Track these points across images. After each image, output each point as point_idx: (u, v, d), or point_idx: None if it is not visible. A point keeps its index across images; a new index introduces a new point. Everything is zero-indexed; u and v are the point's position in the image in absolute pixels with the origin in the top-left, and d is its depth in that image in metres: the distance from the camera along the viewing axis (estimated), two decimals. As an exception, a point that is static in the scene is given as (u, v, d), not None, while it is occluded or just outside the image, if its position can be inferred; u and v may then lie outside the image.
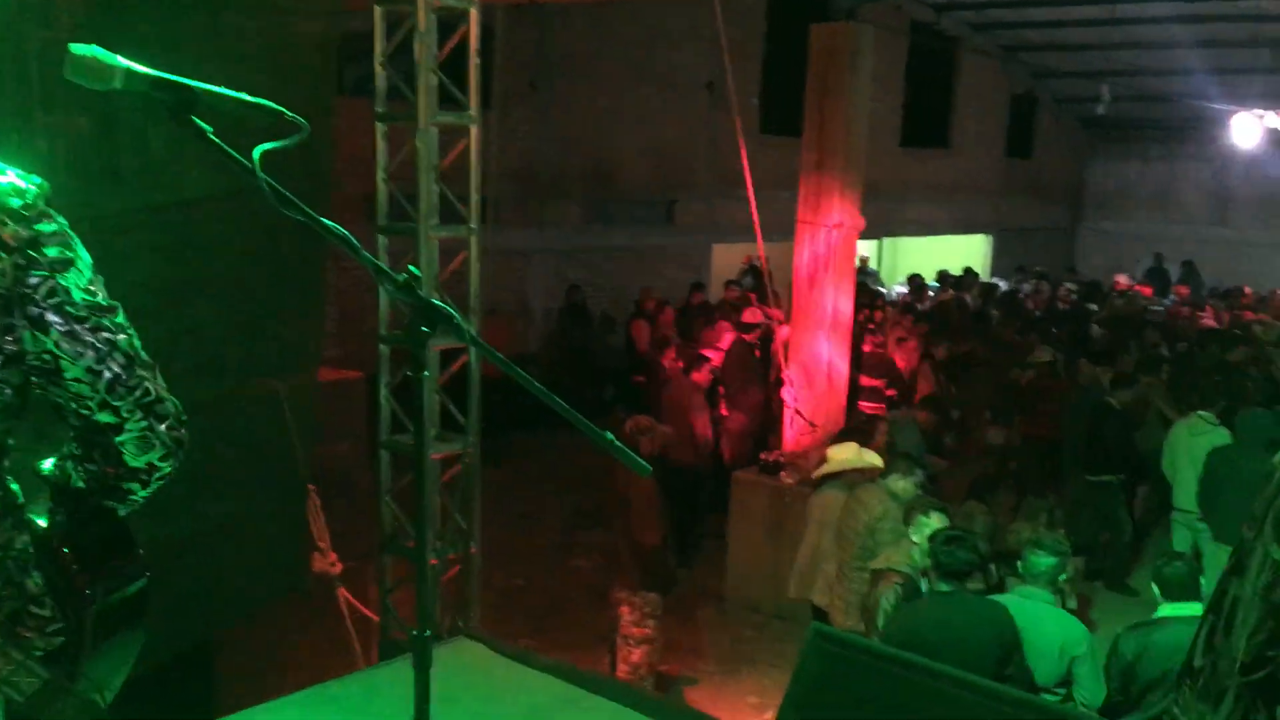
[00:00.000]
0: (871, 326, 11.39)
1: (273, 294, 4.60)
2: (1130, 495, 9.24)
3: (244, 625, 5.07)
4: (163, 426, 1.74)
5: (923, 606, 4.93)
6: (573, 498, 10.26)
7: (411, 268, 1.80)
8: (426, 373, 2.08)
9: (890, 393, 10.30)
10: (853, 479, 6.72)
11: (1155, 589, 4.77)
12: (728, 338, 9.92)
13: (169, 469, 1.78)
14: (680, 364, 9.68)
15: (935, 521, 5.25)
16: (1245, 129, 14.70)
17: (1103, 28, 17.52)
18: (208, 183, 4.09)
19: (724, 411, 9.74)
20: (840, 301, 8.15)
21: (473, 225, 5.00)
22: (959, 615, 4.66)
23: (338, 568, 5.26)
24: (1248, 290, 16.62)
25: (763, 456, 8.36)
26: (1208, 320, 14.36)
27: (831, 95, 7.93)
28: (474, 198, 5.00)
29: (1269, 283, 18.66)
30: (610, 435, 1.96)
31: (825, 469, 6.87)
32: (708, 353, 9.64)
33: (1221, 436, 7.89)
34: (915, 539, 5.28)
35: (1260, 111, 14.51)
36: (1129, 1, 15.59)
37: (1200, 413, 8.17)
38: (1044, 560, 4.81)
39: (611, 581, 7.00)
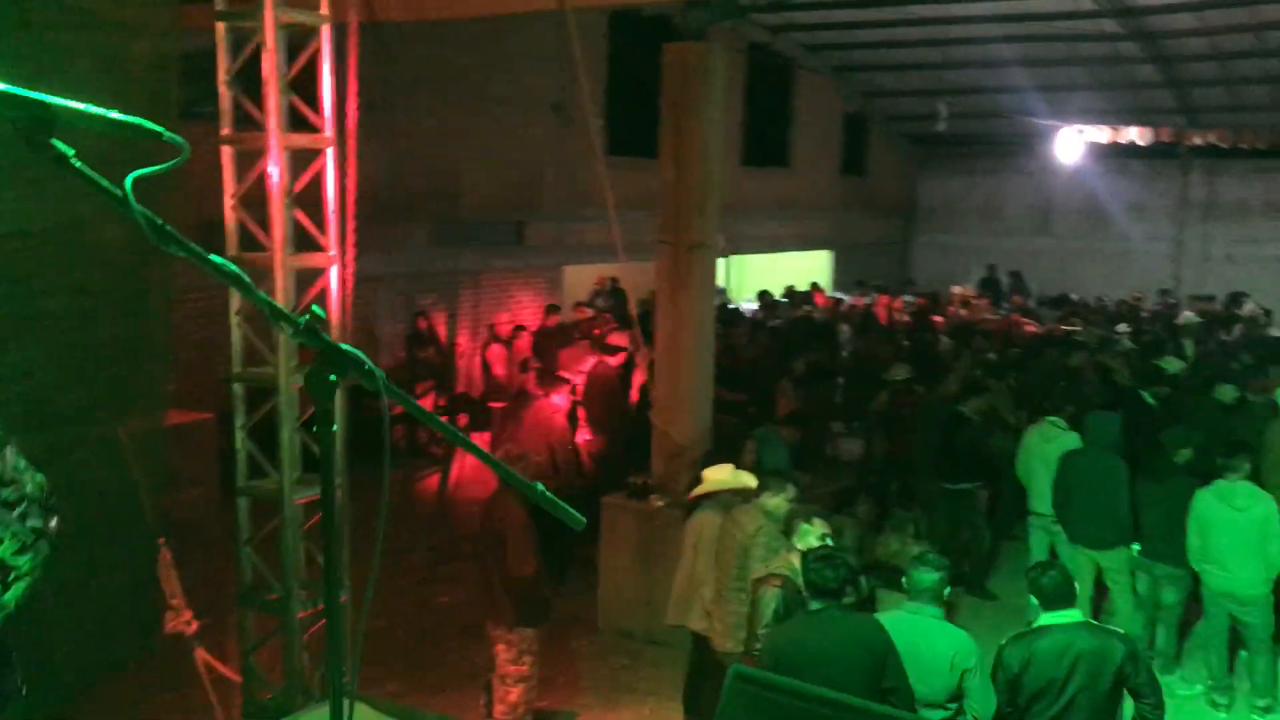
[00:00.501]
0: (729, 343, 11.45)
1: (113, 332, 4.22)
2: (995, 500, 9.50)
3: (89, 696, 4.62)
4: (14, 514, 1.44)
5: (795, 625, 4.92)
6: (435, 530, 9.93)
7: (315, 308, 1.58)
8: (336, 426, 1.85)
9: (751, 409, 10.35)
10: (728, 500, 6.66)
11: (1033, 598, 4.83)
12: (589, 360, 9.77)
13: (29, 565, 1.47)
14: (541, 389, 9.49)
15: (817, 528, 5.26)
16: (1068, 144, 15.43)
17: (928, 48, 18.24)
18: (33, 213, 3.72)
19: (587, 435, 9.60)
20: (702, 321, 8.11)
21: (332, 251, 4.71)
22: (830, 633, 4.69)
23: (193, 626, 4.86)
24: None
25: (631, 480, 8.23)
26: (1031, 328, 14.95)
27: (687, 113, 7.88)
28: (332, 222, 4.72)
29: (1090, 289, 19.71)
30: (540, 486, 1.78)
31: (700, 490, 6.79)
32: (568, 375, 9.48)
33: (1072, 440, 8.16)
34: (800, 546, 5.29)
35: (1080, 127, 15.26)
36: (952, 24, 16.26)
37: (1051, 418, 8.43)
38: (928, 576, 4.82)
39: (483, 617, 6.76)
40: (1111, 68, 18.01)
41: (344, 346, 1.50)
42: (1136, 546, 7.60)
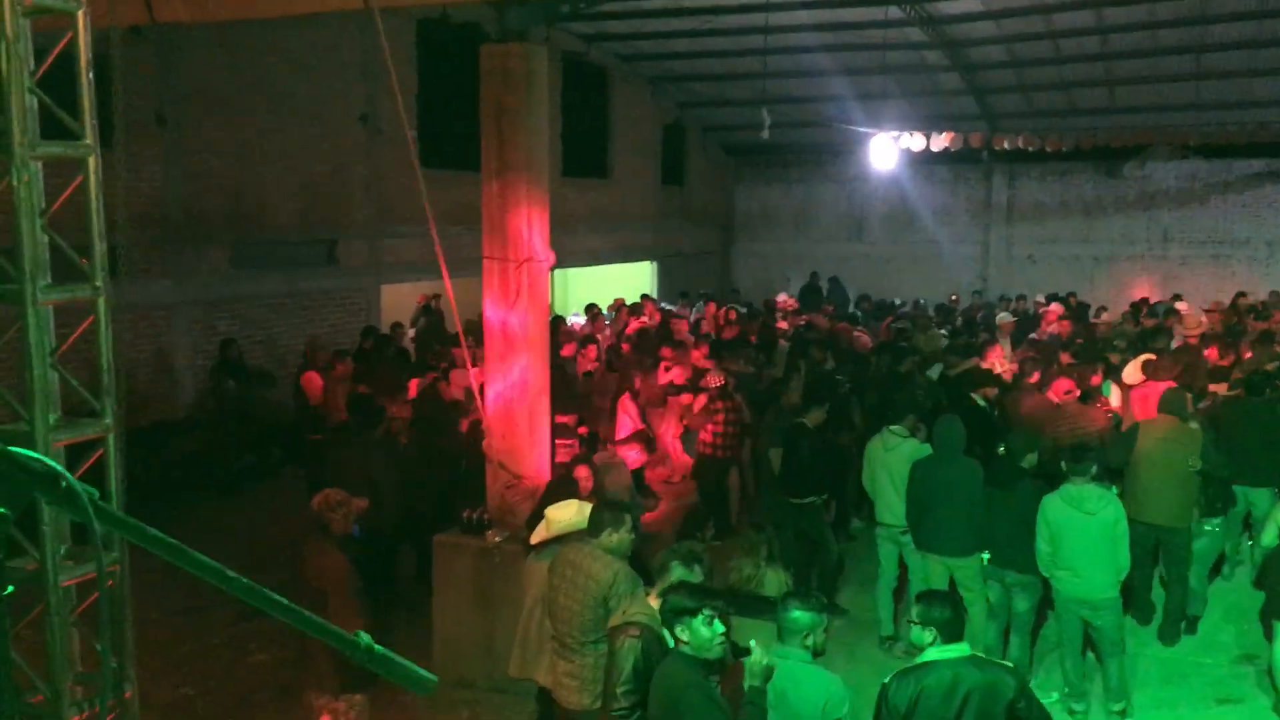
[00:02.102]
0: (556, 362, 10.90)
1: None
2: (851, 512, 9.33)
3: None
4: None
5: (662, 665, 4.48)
6: (249, 573, 9.02)
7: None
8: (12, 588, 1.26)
9: (582, 430, 9.86)
10: (574, 539, 6.11)
11: (920, 632, 4.48)
12: (414, 386, 9.08)
13: None
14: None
15: (697, 576, 4.81)
16: (882, 151, 15.59)
17: (743, 58, 18.20)
18: None
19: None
20: (536, 340, 7.56)
21: (99, 283, 3.95)
22: (671, 682, 4.32)
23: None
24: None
25: (465, 514, 7.59)
26: (862, 335, 14.99)
27: (510, 121, 7.33)
28: (98, 247, 3.95)
29: (903, 292, 20.13)
30: (367, 640, 1.24)
31: (547, 534, 6.21)
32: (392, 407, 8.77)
33: (914, 447, 8.01)
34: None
35: (895, 134, 15.45)
36: (766, 33, 16.23)
37: (891, 427, 8.25)
38: (802, 616, 4.43)
39: (304, 683, 6.03)
40: (919, 76, 18.42)
41: (33, 460, 0.92)
42: (986, 555, 7.48)
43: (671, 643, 4.79)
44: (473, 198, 13.01)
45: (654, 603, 4.88)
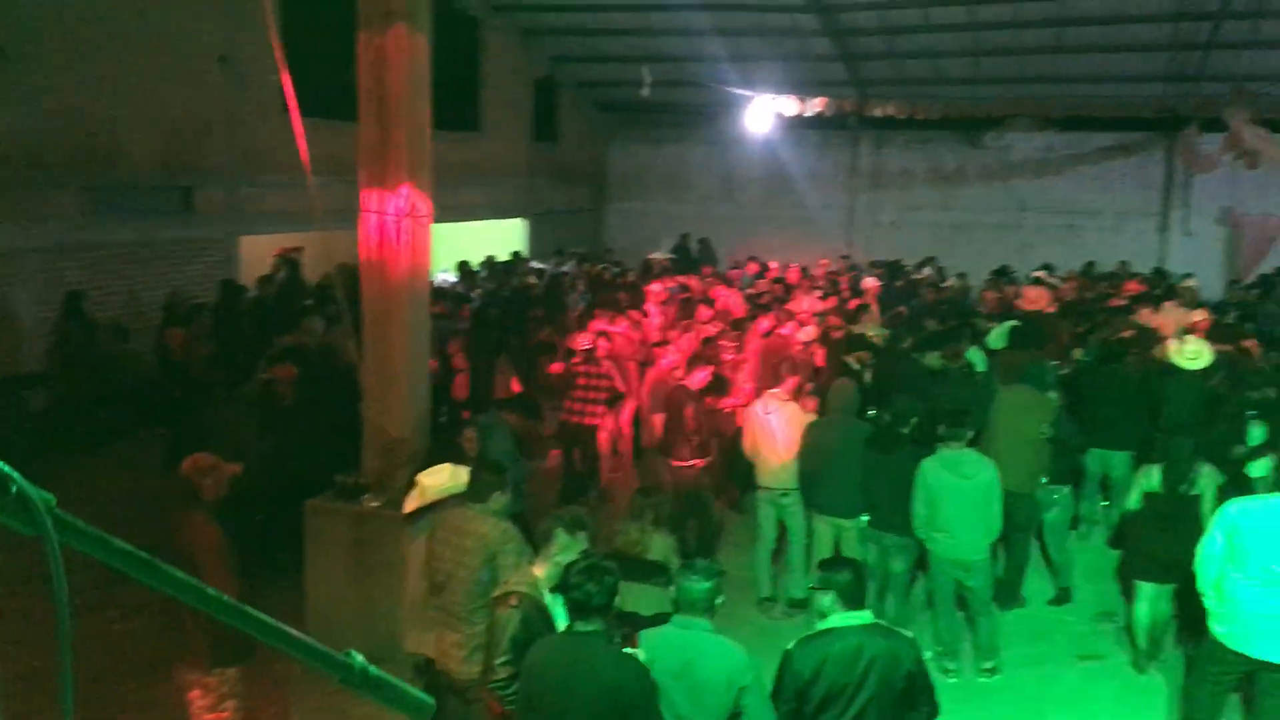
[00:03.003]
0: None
1: None
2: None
3: None
4: None
5: (552, 646, 4.34)
6: (120, 532, 8.52)
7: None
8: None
9: (462, 394, 9.66)
10: (452, 504, 5.94)
11: (823, 598, 4.47)
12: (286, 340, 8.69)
13: None
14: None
15: (582, 542, 4.71)
16: (758, 113, 15.62)
17: (617, 13, 17.99)
18: None
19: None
20: (416, 297, 7.30)
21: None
22: (584, 666, 4.14)
23: None
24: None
25: (339, 479, 7.31)
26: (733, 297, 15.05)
27: (392, 68, 7.01)
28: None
29: (772, 255, 20.28)
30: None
31: (420, 500, 6.02)
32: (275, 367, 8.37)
33: (794, 411, 8.07)
34: (560, 559, 4.69)
35: (772, 96, 15.49)
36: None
37: (772, 391, 8.29)
38: (699, 585, 4.36)
39: (172, 657, 5.72)
40: (792, 40, 18.49)
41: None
42: (865, 517, 7.60)
43: (561, 614, 4.68)
44: (339, 147, 12.58)
45: (538, 571, 4.77)
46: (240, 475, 6.59)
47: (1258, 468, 8.15)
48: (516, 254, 17.24)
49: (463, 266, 15.36)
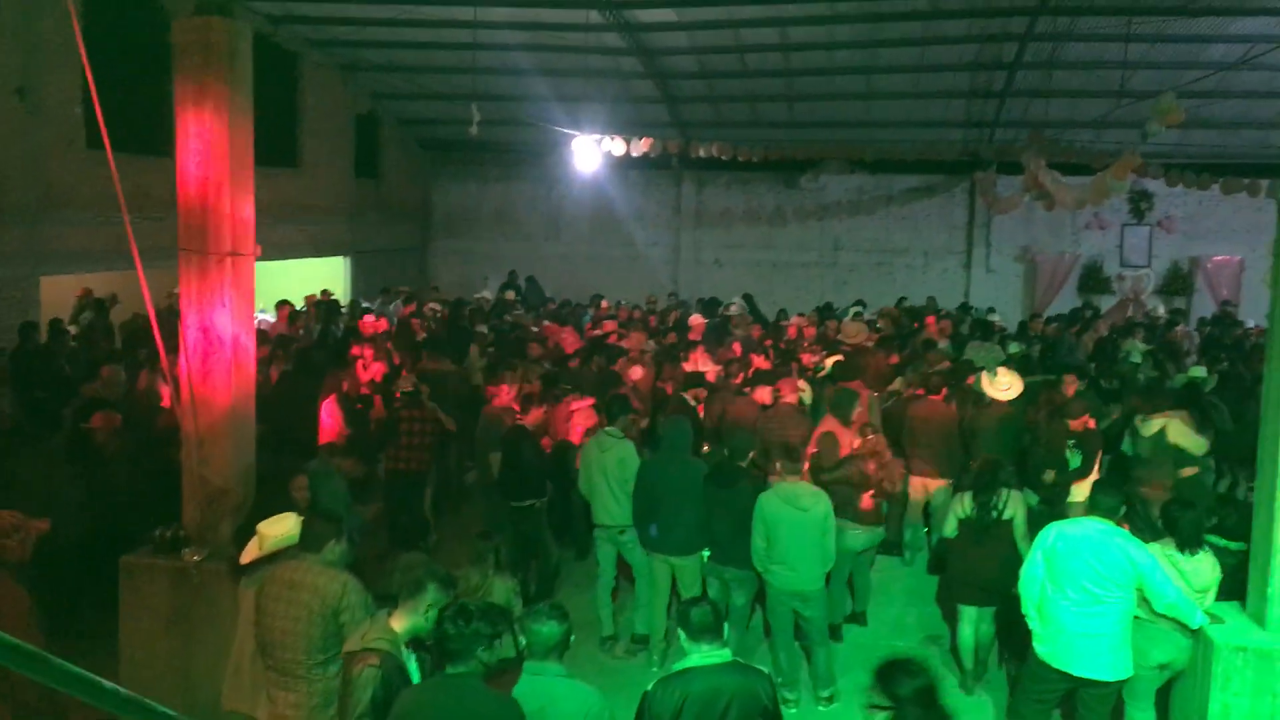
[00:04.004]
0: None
1: None
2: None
3: None
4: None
5: (425, 692, 4.22)
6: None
7: None
8: None
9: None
10: (285, 556, 5.67)
11: (681, 633, 4.46)
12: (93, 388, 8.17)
13: None
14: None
15: (449, 598, 4.57)
16: (585, 153, 15.71)
17: (439, 52, 17.86)
18: None
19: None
20: (241, 339, 6.98)
21: None
22: (462, 707, 4.04)
23: None
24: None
25: (156, 532, 6.90)
26: (568, 335, 15.04)
27: (211, 102, 6.73)
28: None
29: (597, 291, 20.42)
30: None
31: (260, 551, 5.72)
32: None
33: (629, 449, 8.08)
34: (430, 614, 4.55)
35: (598, 136, 15.61)
36: (463, 28, 16.01)
37: (606, 428, 8.29)
38: (549, 628, 4.30)
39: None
40: (616, 82, 18.75)
41: None
42: (706, 552, 7.66)
43: (415, 669, 4.53)
44: (148, 183, 12.06)
45: (396, 625, 4.59)
46: (48, 532, 6.15)
47: (1077, 492, 8.64)
48: (324, 291, 16.70)
49: (282, 306, 14.82)
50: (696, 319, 16.04)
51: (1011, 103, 18.59)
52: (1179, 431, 8.99)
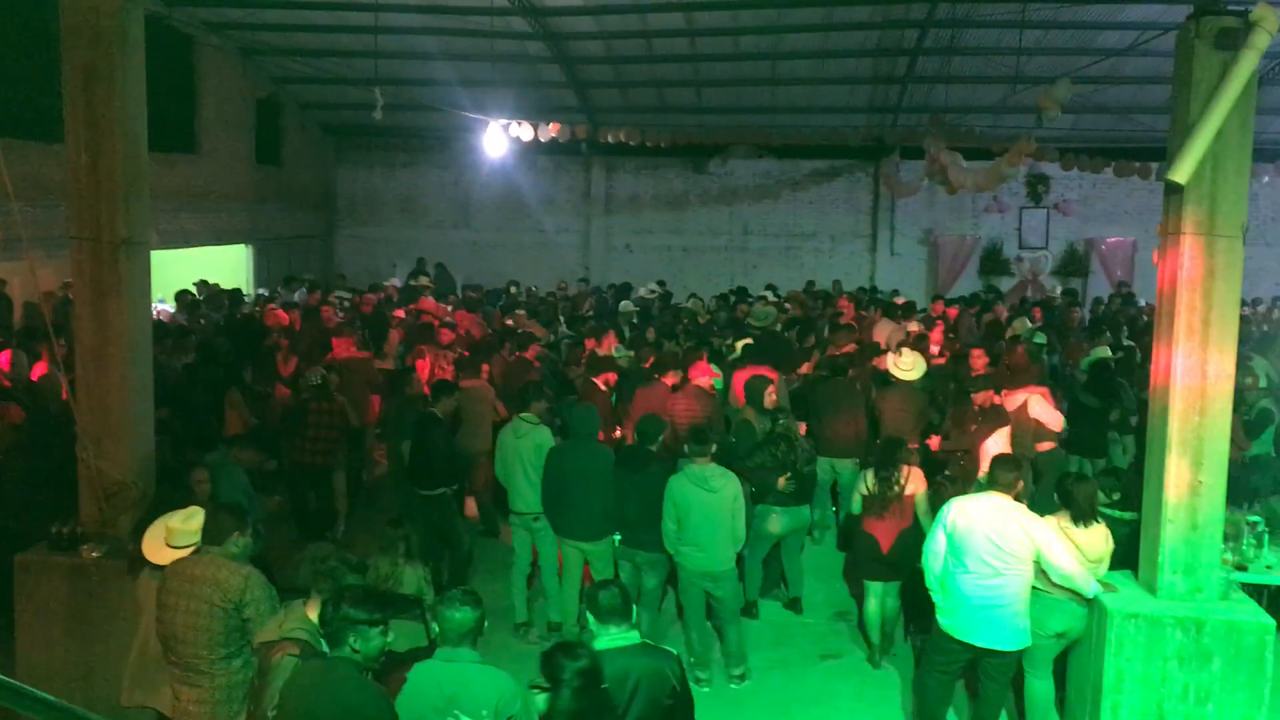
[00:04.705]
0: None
1: None
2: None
3: None
4: None
5: (308, 672, 4.24)
6: None
7: None
8: None
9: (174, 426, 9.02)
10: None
11: (590, 617, 4.49)
12: None
13: None
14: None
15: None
16: (494, 139, 15.61)
17: (342, 35, 17.55)
18: None
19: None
20: (137, 330, 6.81)
21: None
22: (331, 694, 4.12)
23: None
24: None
25: (54, 529, 6.70)
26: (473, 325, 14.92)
27: (103, 86, 6.53)
28: None
29: (509, 278, 20.32)
30: None
31: (171, 544, 5.58)
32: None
33: (544, 434, 8.08)
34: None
35: (506, 122, 15.50)
36: (364, 10, 15.76)
37: (522, 415, 8.27)
38: (463, 614, 4.29)
39: None
40: (523, 66, 18.64)
41: None
42: (617, 537, 7.70)
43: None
44: (40, 170, 11.66)
45: (311, 614, 4.55)
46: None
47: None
48: (205, 283, 16.27)
49: (181, 296, 14.47)
50: (626, 305, 16.03)
51: (913, 89, 18.93)
52: (1040, 406, 9.35)
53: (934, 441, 9.59)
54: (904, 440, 8.27)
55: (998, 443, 8.62)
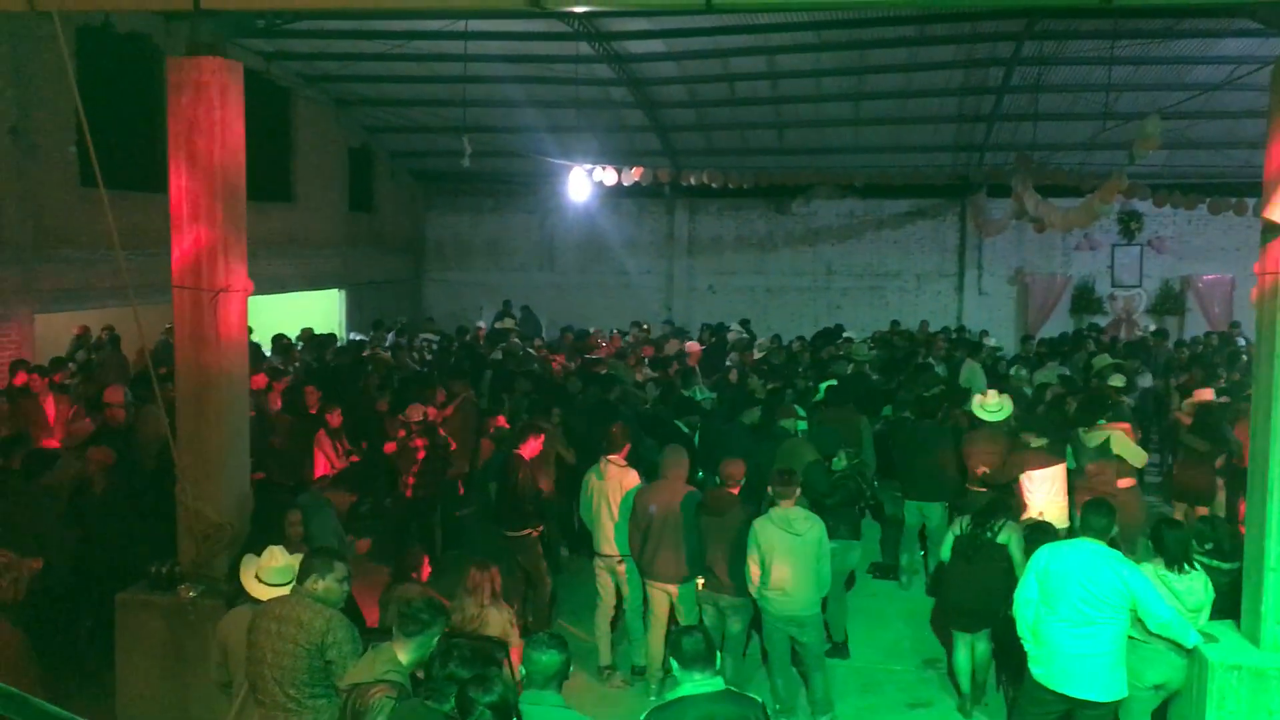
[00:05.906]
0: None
1: None
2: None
3: None
4: None
5: (409, 717, 4.24)
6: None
7: None
8: None
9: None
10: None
11: (673, 661, 4.48)
12: (85, 425, 8.19)
13: None
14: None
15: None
16: (578, 184, 15.84)
17: (431, 85, 18.01)
18: None
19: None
20: (233, 373, 7.02)
21: None
22: None
23: None
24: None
25: (152, 568, 6.91)
26: (558, 364, 15.08)
27: (203, 138, 6.79)
28: None
29: (593, 320, 20.51)
30: None
31: (266, 583, 5.71)
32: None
33: (629, 477, 8.10)
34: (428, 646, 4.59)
35: (589, 167, 15.73)
36: (454, 61, 16.15)
37: (608, 456, 8.29)
38: (548, 657, 4.31)
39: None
40: (607, 112, 18.89)
41: None
42: (700, 580, 7.67)
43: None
44: (142, 220, 12.12)
45: (401, 655, 4.61)
46: (42, 571, 6.17)
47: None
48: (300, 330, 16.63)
49: (278, 341, 14.86)
50: (692, 345, 16.10)
51: (1000, 126, 18.72)
52: (1121, 443, 9.06)
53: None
54: (1013, 490, 8.12)
55: (1045, 476, 8.45)
